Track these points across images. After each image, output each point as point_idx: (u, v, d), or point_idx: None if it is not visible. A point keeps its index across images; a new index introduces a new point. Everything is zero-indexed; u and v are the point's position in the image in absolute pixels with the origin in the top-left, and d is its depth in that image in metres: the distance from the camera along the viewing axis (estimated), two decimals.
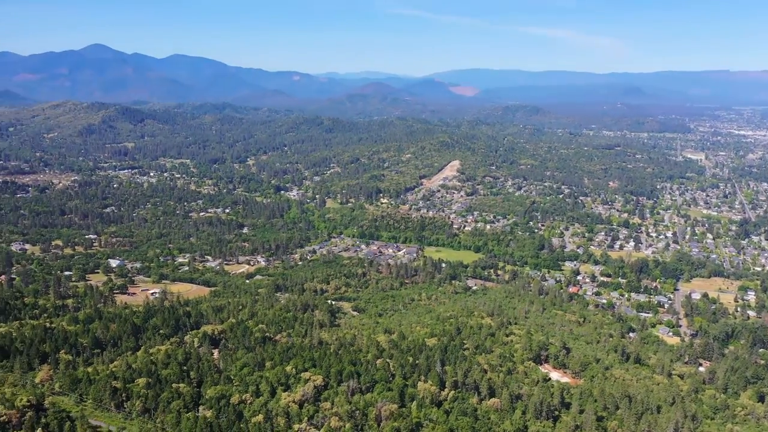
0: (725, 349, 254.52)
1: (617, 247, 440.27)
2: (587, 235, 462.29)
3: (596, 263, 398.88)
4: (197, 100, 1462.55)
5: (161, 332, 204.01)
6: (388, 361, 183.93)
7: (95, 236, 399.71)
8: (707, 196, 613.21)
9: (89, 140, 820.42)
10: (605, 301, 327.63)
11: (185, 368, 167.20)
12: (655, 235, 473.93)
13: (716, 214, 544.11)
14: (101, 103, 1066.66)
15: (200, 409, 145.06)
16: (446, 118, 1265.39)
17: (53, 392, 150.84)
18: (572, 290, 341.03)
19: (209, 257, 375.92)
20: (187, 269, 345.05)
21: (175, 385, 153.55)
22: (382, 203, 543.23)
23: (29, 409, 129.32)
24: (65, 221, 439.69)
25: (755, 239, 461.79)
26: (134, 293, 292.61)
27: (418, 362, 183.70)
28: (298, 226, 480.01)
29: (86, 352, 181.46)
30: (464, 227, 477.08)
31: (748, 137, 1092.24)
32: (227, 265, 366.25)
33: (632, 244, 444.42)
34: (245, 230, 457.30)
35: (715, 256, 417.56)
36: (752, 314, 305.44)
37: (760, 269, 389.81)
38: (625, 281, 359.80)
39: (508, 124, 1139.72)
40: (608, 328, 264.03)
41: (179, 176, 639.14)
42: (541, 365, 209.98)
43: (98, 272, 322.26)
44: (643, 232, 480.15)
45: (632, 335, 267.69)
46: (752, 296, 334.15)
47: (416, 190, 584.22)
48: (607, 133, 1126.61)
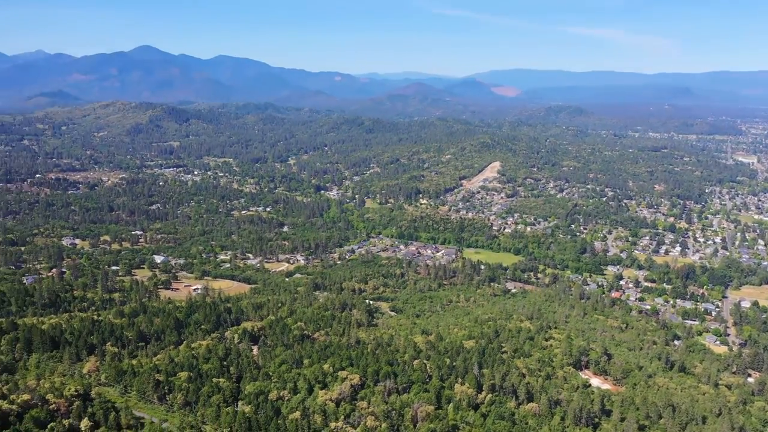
0: None
1: (662, 252, 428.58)
2: (631, 239, 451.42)
3: (640, 268, 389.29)
4: (241, 100, 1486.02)
5: (203, 327, 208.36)
6: (425, 362, 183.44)
7: (141, 232, 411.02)
8: (759, 200, 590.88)
9: (137, 139, 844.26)
10: (649, 307, 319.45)
11: (225, 363, 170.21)
12: (702, 240, 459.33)
13: None
14: (149, 103, 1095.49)
15: (239, 404, 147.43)
16: (487, 118, 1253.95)
17: (99, 383, 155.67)
18: (615, 295, 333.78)
19: (250, 255, 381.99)
20: (228, 266, 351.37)
21: (215, 379, 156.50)
22: (421, 204, 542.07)
23: (77, 398, 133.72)
24: (113, 217, 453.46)
25: None
26: (177, 289, 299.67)
27: (455, 364, 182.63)
28: (337, 225, 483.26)
29: (131, 344, 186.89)
30: (504, 229, 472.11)
31: None
32: (267, 262, 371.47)
33: (678, 249, 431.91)
34: (285, 229, 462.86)
35: (766, 263, 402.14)
36: None
37: None
38: (670, 287, 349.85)
39: (550, 125, 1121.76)
40: (652, 334, 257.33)
41: (222, 175, 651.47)
42: (581, 371, 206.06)
43: (144, 267, 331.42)
44: (690, 237, 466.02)
45: (677, 343, 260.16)
46: None
47: (456, 191, 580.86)
48: (653, 135, 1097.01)
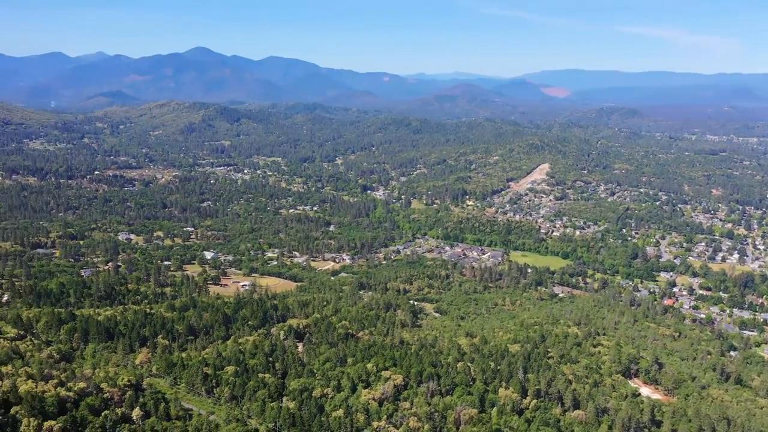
0: None
1: (719, 259, 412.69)
2: (686, 245, 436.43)
3: (695, 275, 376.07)
4: (290, 100, 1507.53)
5: (250, 323, 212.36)
6: (469, 365, 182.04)
7: (192, 229, 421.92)
8: None
9: (190, 138, 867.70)
10: (704, 315, 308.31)
11: (271, 359, 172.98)
12: (762, 247, 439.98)
13: None
14: (202, 102, 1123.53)
15: (284, 399, 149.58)
16: (536, 120, 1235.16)
17: (151, 374, 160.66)
18: (667, 303, 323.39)
19: (297, 253, 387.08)
20: (275, 264, 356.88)
21: (261, 375, 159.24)
22: (467, 205, 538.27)
23: (129, 388, 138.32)
24: (166, 214, 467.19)
25: None
26: (226, 285, 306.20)
27: (499, 368, 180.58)
28: (383, 225, 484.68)
29: (181, 338, 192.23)
30: (552, 232, 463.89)
31: None
32: (314, 261, 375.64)
33: (736, 256, 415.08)
34: (332, 228, 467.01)
35: None
36: None
37: None
38: (727, 296, 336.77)
39: (602, 126, 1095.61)
40: (706, 344, 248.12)
41: (271, 174, 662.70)
42: (630, 379, 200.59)
43: (194, 263, 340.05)
44: (749, 244, 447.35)
45: (733, 354, 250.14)
46: None
47: (503, 193, 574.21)
48: (711, 137, 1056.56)
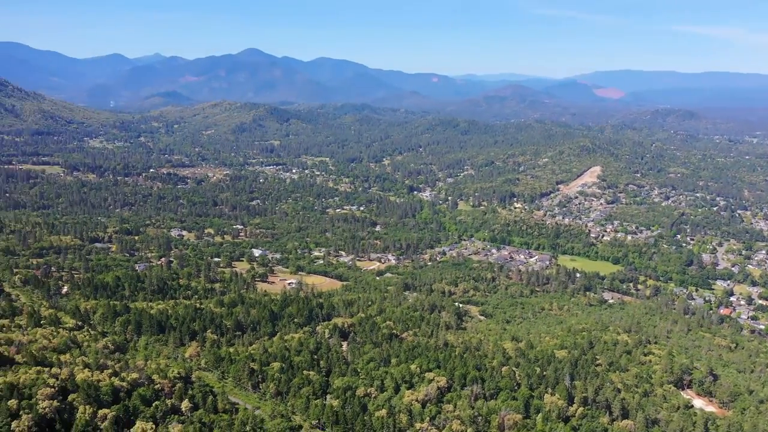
0: None
1: None
2: (744, 252, 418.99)
3: (754, 284, 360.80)
4: (339, 100, 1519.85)
5: (295, 321, 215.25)
6: (514, 369, 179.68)
7: (242, 227, 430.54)
8: None
9: (241, 137, 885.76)
10: (763, 327, 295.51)
11: (316, 357, 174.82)
12: None
13: None
14: (252, 103, 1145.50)
15: (328, 397, 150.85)
16: (588, 121, 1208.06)
17: (200, 367, 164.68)
18: (723, 312, 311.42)
19: (343, 252, 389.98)
20: (321, 262, 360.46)
21: (305, 372, 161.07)
22: (515, 208, 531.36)
23: (179, 380, 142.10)
24: (217, 211, 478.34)
25: None
26: (273, 282, 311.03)
27: (545, 374, 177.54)
28: (429, 226, 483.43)
29: (229, 333, 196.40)
30: (602, 237, 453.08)
31: None
32: (359, 261, 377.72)
33: None
34: (378, 228, 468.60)
35: None
36: None
37: None
38: None
39: (656, 129, 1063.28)
40: (765, 356, 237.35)
41: (319, 173, 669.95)
42: (682, 390, 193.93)
43: (243, 260, 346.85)
44: None
45: None
46: None
47: (552, 195, 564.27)
48: None
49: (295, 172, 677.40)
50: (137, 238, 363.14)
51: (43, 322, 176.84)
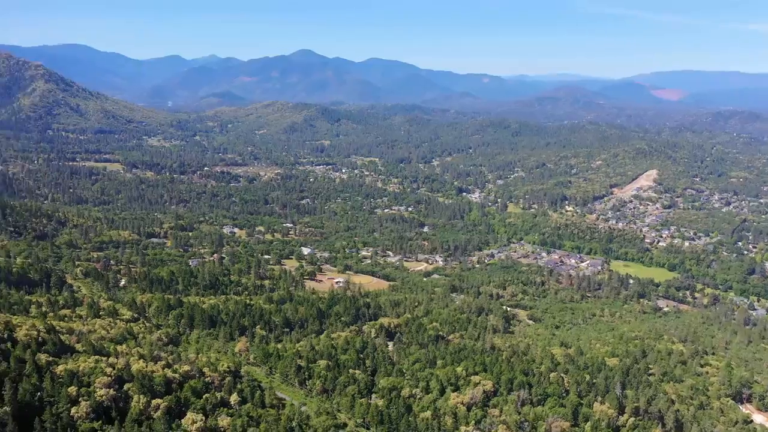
0: None
1: None
2: None
3: None
4: (389, 101, 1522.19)
5: (342, 319, 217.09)
6: (562, 375, 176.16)
7: (291, 225, 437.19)
8: None
9: (292, 137, 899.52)
10: None
11: (362, 356, 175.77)
12: None
13: None
14: (304, 103, 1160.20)
15: (373, 396, 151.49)
16: (645, 123, 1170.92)
17: (248, 362, 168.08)
18: None
19: (390, 253, 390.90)
20: (369, 262, 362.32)
21: (351, 370, 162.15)
22: (566, 211, 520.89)
23: (228, 374, 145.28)
24: (267, 210, 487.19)
25: None
26: (321, 280, 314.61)
27: (595, 381, 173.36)
28: (477, 228, 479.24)
29: (277, 329, 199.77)
30: (658, 242, 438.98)
31: None
32: (407, 261, 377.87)
33: None
34: (426, 229, 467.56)
35: None
36: None
37: None
38: None
39: (718, 131, 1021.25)
40: None
41: (368, 174, 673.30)
42: (741, 404, 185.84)
43: (292, 258, 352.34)
44: None
45: None
46: None
47: (605, 199, 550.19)
48: None
49: (344, 171, 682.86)
50: (191, 234, 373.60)
51: (101, 313, 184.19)
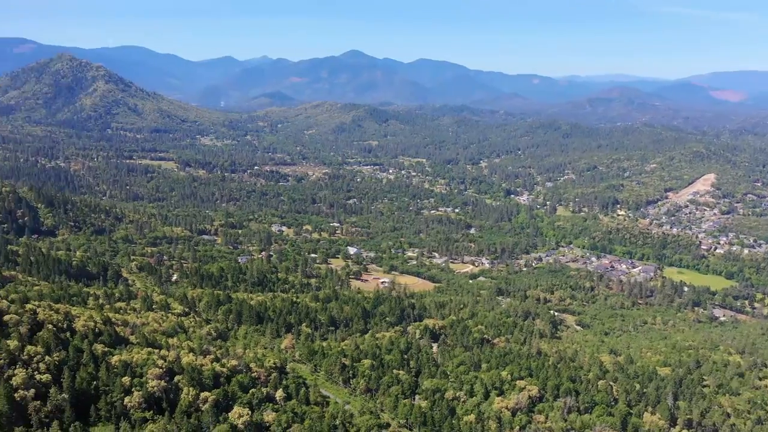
0: None
1: None
2: None
3: None
4: (437, 102, 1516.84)
5: (387, 319, 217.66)
6: (611, 384, 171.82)
7: (338, 224, 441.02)
8: None
9: (340, 137, 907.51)
10: None
11: (406, 357, 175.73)
12: None
13: None
14: (353, 104, 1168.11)
15: (416, 398, 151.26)
16: (702, 125, 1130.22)
17: (294, 359, 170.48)
18: None
19: (436, 254, 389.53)
20: (414, 263, 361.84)
21: (395, 371, 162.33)
22: (618, 215, 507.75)
23: (274, 370, 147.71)
24: (315, 209, 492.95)
25: None
26: (367, 280, 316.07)
27: (645, 391, 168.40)
28: (525, 231, 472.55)
29: (323, 327, 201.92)
30: (715, 249, 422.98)
31: None
32: (452, 263, 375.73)
33: None
34: (472, 231, 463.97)
35: None
36: None
37: None
38: None
39: None
40: None
41: (415, 174, 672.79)
42: None
43: (338, 257, 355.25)
44: None
45: None
46: None
47: (659, 203, 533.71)
48: None
49: (391, 172, 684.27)
50: (240, 231, 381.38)
51: (154, 306, 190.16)
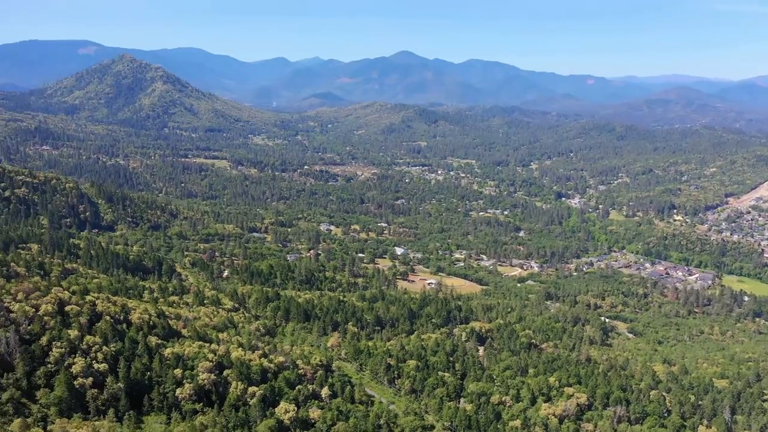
0: None
1: None
2: None
3: None
4: (487, 103, 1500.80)
5: (433, 321, 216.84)
6: (664, 394, 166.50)
7: (386, 225, 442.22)
8: None
9: (389, 138, 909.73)
10: None
11: (451, 359, 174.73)
12: None
13: None
14: (402, 104, 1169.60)
15: (461, 400, 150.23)
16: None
17: (340, 357, 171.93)
18: None
19: (484, 256, 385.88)
20: (462, 265, 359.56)
21: (440, 373, 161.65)
22: (675, 220, 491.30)
23: (320, 367, 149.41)
24: (363, 209, 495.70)
25: None
26: (413, 281, 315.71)
27: (701, 403, 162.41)
28: (576, 235, 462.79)
29: (369, 327, 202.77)
30: None
31: None
32: (500, 266, 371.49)
33: None
34: (521, 234, 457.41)
35: None
36: None
37: None
38: None
39: None
40: None
41: (464, 176, 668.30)
42: None
43: (385, 257, 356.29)
44: None
45: None
46: None
47: (719, 209, 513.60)
48: None
49: (440, 173, 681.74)
50: (290, 230, 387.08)
51: (206, 301, 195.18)
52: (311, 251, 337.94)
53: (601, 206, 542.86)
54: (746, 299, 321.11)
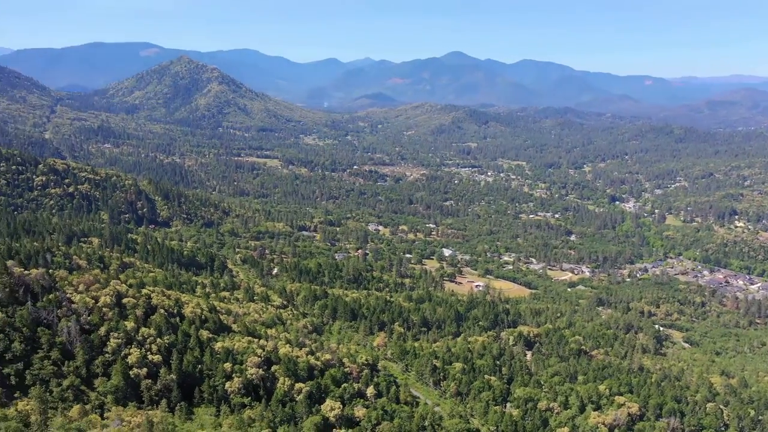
0: None
1: None
2: None
3: None
4: (540, 104, 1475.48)
5: (480, 324, 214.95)
6: (721, 407, 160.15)
7: (434, 226, 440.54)
8: None
9: (439, 139, 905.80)
10: None
11: (498, 363, 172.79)
12: None
13: None
14: (453, 105, 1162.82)
15: (507, 405, 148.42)
16: None
17: (385, 357, 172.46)
18: None
19: (533, 260, 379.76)
20: (510, 268, 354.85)
21: (487, 376, 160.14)
22: (736, 227, 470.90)
23: (366, 367, 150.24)
24: (411, 210, 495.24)
25: None
26: (460, 283, 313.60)
27: (761, 418, 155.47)
28: (630, 240, 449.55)
29: (415, 328, 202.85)
30: None
31: None
32: (550, 270, 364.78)
33: None
34: (573, 238, 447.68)
35: None
36: None
37: None
38: None
39: None
40: None
41: (514, 178, 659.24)
42: None
43: (432, 259, 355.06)
44: None
45: None
46: None
47: None
48: None
49: (490, 174, 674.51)
50: (338, 229, 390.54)
51: (255, 297, 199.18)
52: (359, 251, 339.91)
53: (657, 211, 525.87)
54: None
